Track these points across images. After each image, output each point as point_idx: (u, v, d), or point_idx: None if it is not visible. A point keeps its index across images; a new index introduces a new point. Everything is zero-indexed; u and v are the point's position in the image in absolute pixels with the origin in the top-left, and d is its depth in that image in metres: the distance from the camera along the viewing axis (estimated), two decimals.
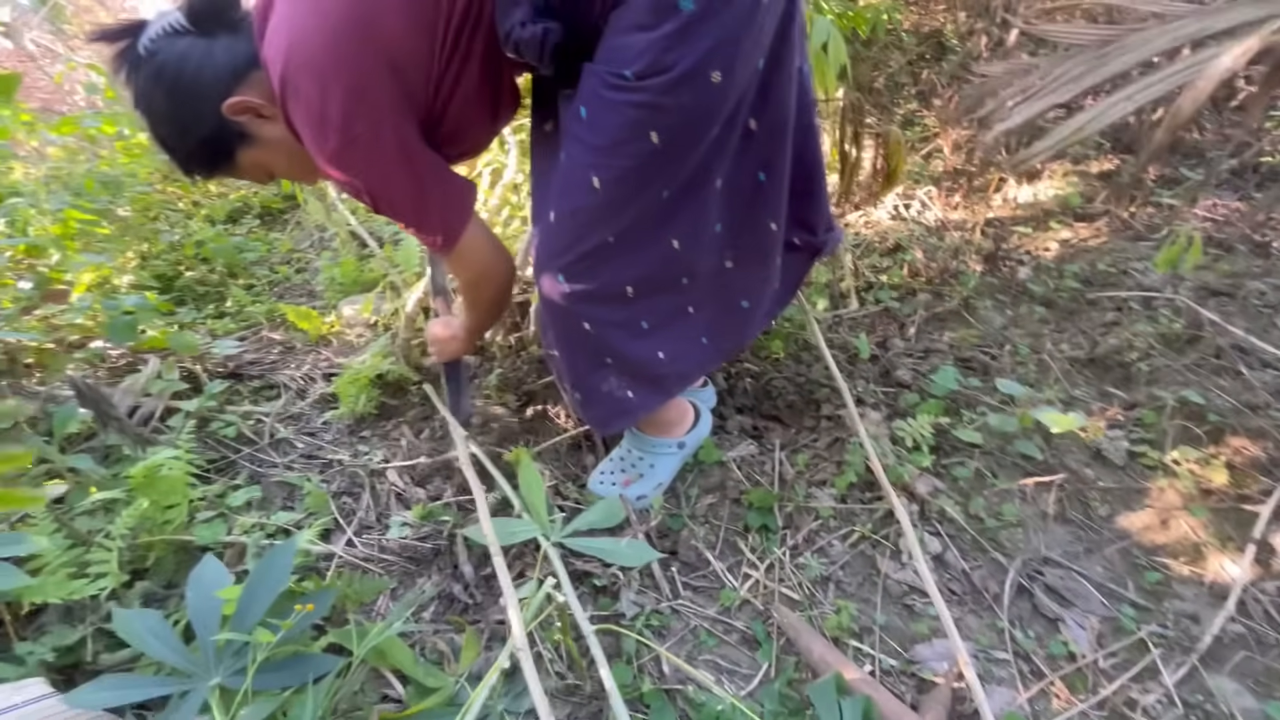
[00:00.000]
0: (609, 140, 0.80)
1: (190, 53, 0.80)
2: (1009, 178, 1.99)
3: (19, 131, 1.95)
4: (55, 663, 0.91)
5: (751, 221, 0.97)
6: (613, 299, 0.93)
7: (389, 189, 0.85)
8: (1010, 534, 1.15)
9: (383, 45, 0.76)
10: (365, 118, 0.78)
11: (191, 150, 0.86)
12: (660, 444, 1.20)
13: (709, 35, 0.73)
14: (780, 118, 0.90)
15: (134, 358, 1.58)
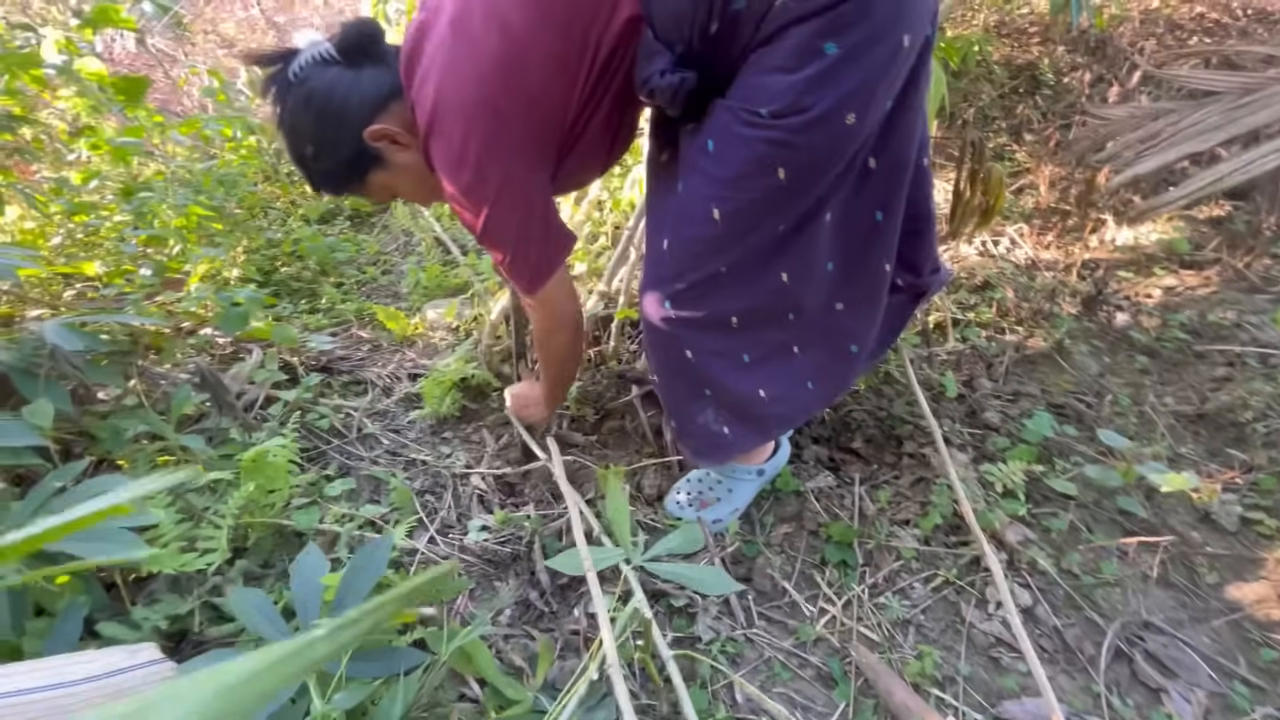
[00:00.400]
0: (734, 173, 0.81)
1: (338, 81, 0.86)
2: (1108, 219, 1.91)
3: (152, 132, 2.11)
4: (167, 630, 0.96)
5: (865, 262, 0.97)
6: (717, 328, 0.94)
7: (501, 227, 0.89)
8: (1108, 593, 1.09)
9: (526, 93, 0.80)
10: (499, 160, 0.83)
11: (328, 169, 0.92)
12: (740, 470, 1.19)
13: (850, 79, 0.75)
14: (901, 158, 0.89)
15: (238, 346, 1.68)
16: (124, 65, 3.87)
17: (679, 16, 0.77)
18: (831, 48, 0.73)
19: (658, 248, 0.92)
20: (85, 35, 2.32)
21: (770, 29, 0.75)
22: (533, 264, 0.93)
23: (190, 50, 4.85)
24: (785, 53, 0.75)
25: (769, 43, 0.76)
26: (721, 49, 0.79)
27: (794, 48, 0.74)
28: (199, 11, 5.81)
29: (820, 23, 0.72)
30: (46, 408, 1.03)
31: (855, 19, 0.72)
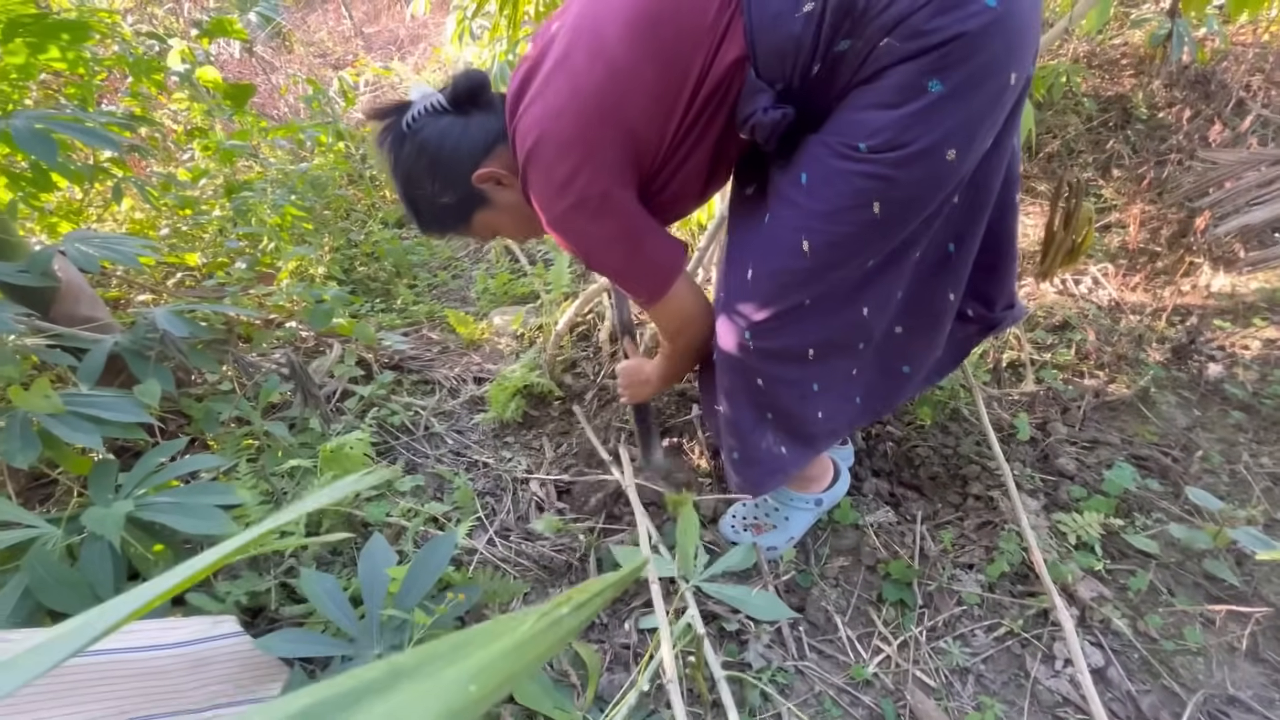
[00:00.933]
0: (828, 207, 0.81)
1: (450, 130, 0.92)
2: (1203, 263, 1.81)
3: (255, 135, 2.26)
4: (245, 605, 1.02)
5: (931, 291, 0.96)
6: (793, 359, 0.94)
7: (606, 247, 0.91)
8: (1189, 662, 1.03)
9: (624, 124, 0.83)
10: (595, 186, 0.85)
11: (438, 212, 0.97)
12: (798, 498, 1.18)
13: (954, 116, 0.74)
14: (984, 194, 0.88)
15: (319, 341, 1.78)
16: (230, 72, 4.16)
17: (783, 56, 0.78)
18: (936, 85, 0.72)
19: (740, 278, 0.92)
20: (202, 44, 2.52)
21: (872, 69, 0.75)
22: (648, 277, 0.94)
23: (288, 59, 5.17)
24: (887, 90, 0.74)
25: (870, 80, 0.76)
26: (821, 88, 0.80)
27: (896, 85, 0.74)
28: (298, 22, 6.20)
29: (926, 61, 0.72)
30: (155, 388, 1.11)
31: (963, 57, 0.71)
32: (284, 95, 3.17)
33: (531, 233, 1.02)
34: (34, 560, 0.90)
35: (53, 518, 0.99)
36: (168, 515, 0.98)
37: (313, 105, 3.00)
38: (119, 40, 2.13)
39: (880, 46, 0.73)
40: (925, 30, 0.71)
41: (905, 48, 0.72)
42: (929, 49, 0.71)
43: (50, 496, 1.29)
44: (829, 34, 0.75)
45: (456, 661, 0.16)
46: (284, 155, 2.74)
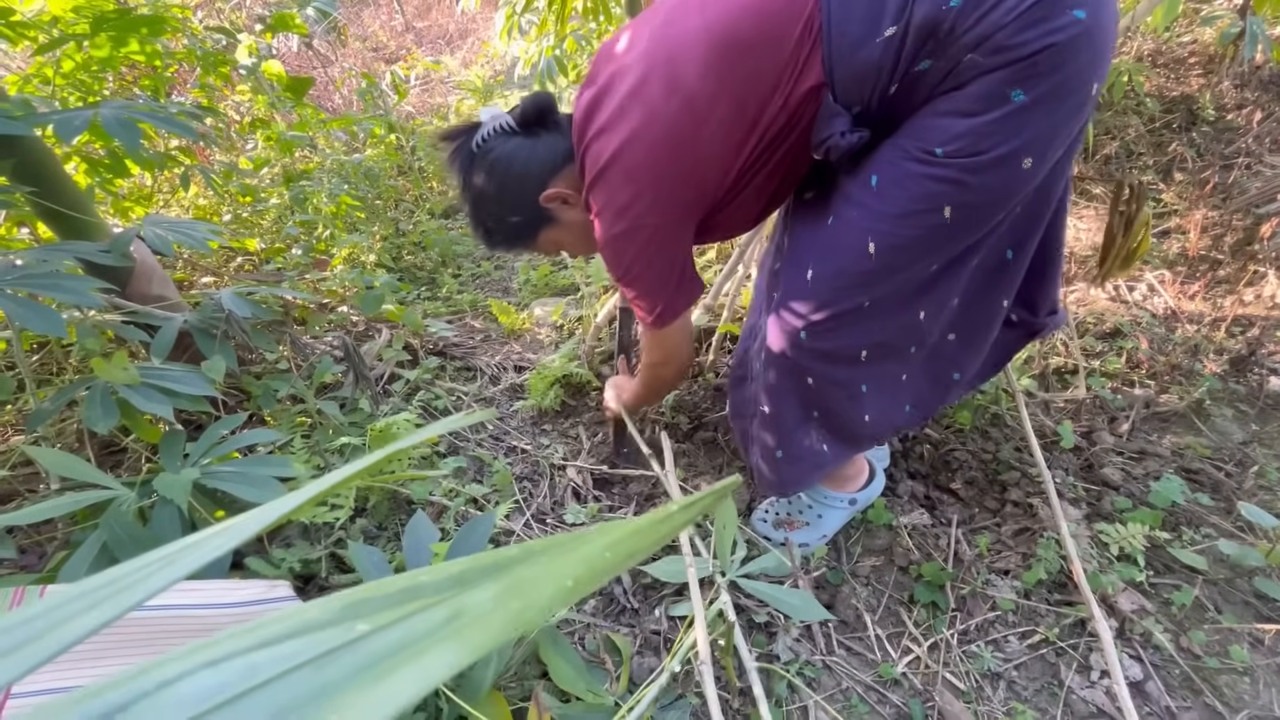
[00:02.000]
0: (899, 210, 0.80)
1: (518, 152, 0.94)
2: (1269, 273, 1.73)
3: (314, 127, 2.35)
4: (298, 572, 1.08)
5: (986, 297, 0.95)
6: (845, 360, 0.95)
7: (641, 273, 0.95)
8: (1234, 681, 1.00)
9: (694, 156, 0.84)
10: (651, 217, 0.88)
11: (506, 230, 1.01)
12: (832, 496, 1.19)
13: (1034, 126, 0.73)
14: (1046, 201, 0.87)
15: (369, 325, 1.84)
16: (288, 65, 4.32)
17: (862, 81, 0.78)
18: (1019, 95, 0.72)
19: (799, 278, 0.92)
20: (266, 38, 2.62)
21: (954, 83, 0.75)
22: (662, 307, 0.98)
23: (343, 52, 5.33)
24: (968, 98, 0.74)
25: (950, 91, 0.76)
26: (899, 105, 0.80)
27: (978, 94, 0.73)
28: (352, 17, 6.38)
29: (1011, 72, 0.71)
30: (220, 364, 1.18)
31: (1049, 69, 0.71)
32: (339, 88, 3.27)
33: (594, 249, 1.05)
34: (111, 519, 0.97)
35: (126, 481, 1.06)
36: (230, 484, 1.04)
37: (365, 99, 3.10)
38: (188, 35, 2.24)
39: (964, 62, 0.73)
40: (1011, 45, 0.70)
41: (990, 62, 0.72)
42: (1015, 61, 0.71)
43: (120, 463, 1.38)
44: (910, 56, 0.75)
45: (587, 542, 0.19)
46: (339, 146, 2.83)
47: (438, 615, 0.16)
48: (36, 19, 1.60)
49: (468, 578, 0.18)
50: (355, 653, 0.15)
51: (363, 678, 0.14)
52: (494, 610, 0.17)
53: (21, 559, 1.07)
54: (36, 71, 1.69)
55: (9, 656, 0.16)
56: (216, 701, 0.14)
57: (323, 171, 2.24)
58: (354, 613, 0.16)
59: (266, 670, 0.15)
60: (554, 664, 0.97)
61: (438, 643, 0.15)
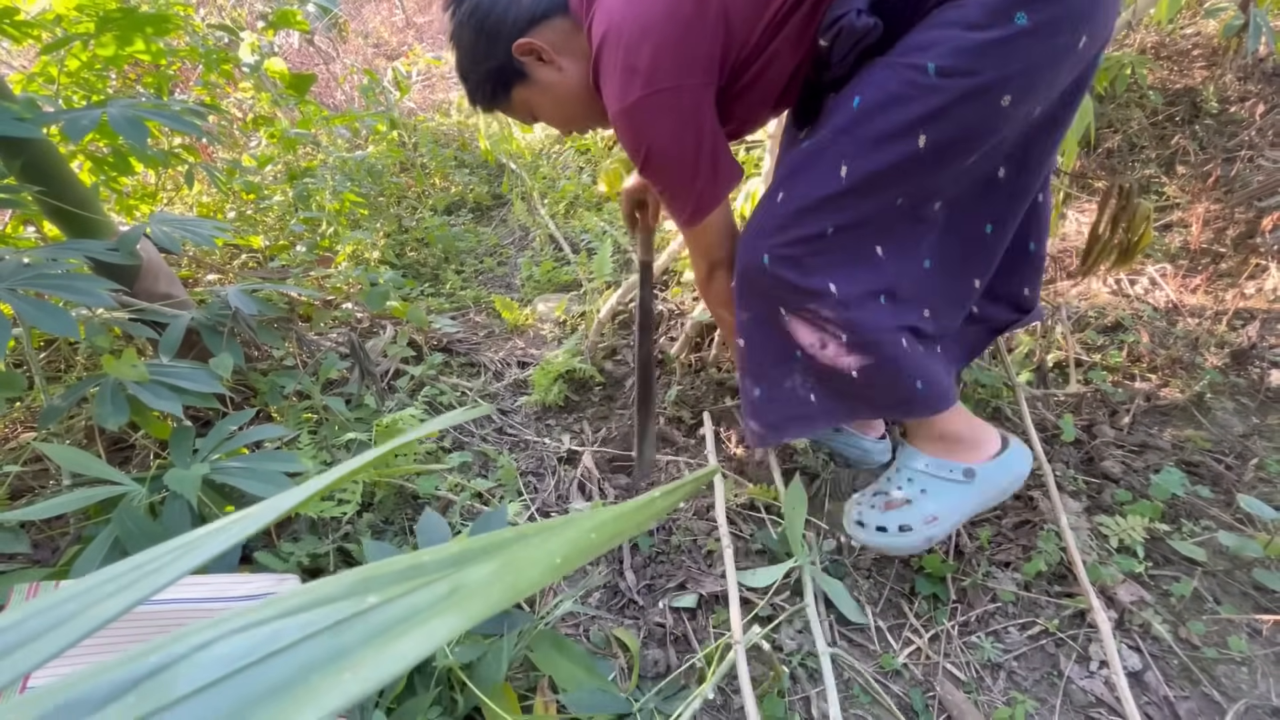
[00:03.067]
0: (876, 133, 0.78)
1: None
2: (1270, 266, 1.73)
3: (317, 124, 2.36)
4: (306, 566, 1.10)
5: (960, 271, 0.93)
6: (814, 295, 0.88)
7: (667, 150, 0.85)
8: (1232, 671, 1.01)
9: (720, 12, 0.79)
10: (673, 74, 0.79)
11: (480, 80, 0.94)
12: (940, 465, 1.00)
13: (1025, 56, 0.72)
14: (1031, 179, 0.86)
15: (374, 321, 1.86)
16: (290, 62, 4.32)
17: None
18: (1022, 18, 0.70)
19: (770, 201, 0.88)
20: (267, 36, 2.63)
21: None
22: (696, 193, 0.89)
23: (344, 49, 5.33)
24: (976, 9, 0.72)
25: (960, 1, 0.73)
26: (913, 4, 0.77)
27: (988, 6, 0.71)
28: (353, 13, 6.37)
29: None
30: (228, 361, 1.19)
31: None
32: (341, 85, 3.27)
33: (569, 123, 0.99)
34: (123, 514, 0.98)
35: (136, 477, 1.08)
36: (238, 479, 1.05)
37: (368, 95, 3.10)
38: (190, 32, 2.24)
39: None
40: None
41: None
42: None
43: (129, 459, 1.39)
44: None
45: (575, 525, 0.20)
46: (342, 143, 2.84)
47: (440, 589, 0.18)
48: (40, 17, 1.60)
49: (466, 557, 0.19)
50: (366, 621, 0.17)
51: (374, 642, 0.16)
52: (490, 584, 0.18)
53: (35, 553, 1.09)
54: (41, 70, 1.70)
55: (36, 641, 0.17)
56: (247, 661, 0.16)
57: (326, 168, 2.25)
58: (364, 587, 0.18)
59: (288, 635, 0.16)
60: (557, 667, 0.97)
61: (440, 613, 0.17)
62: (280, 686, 0.15)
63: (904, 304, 0.91)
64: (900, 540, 1.00)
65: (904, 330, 0.90)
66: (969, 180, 0.85)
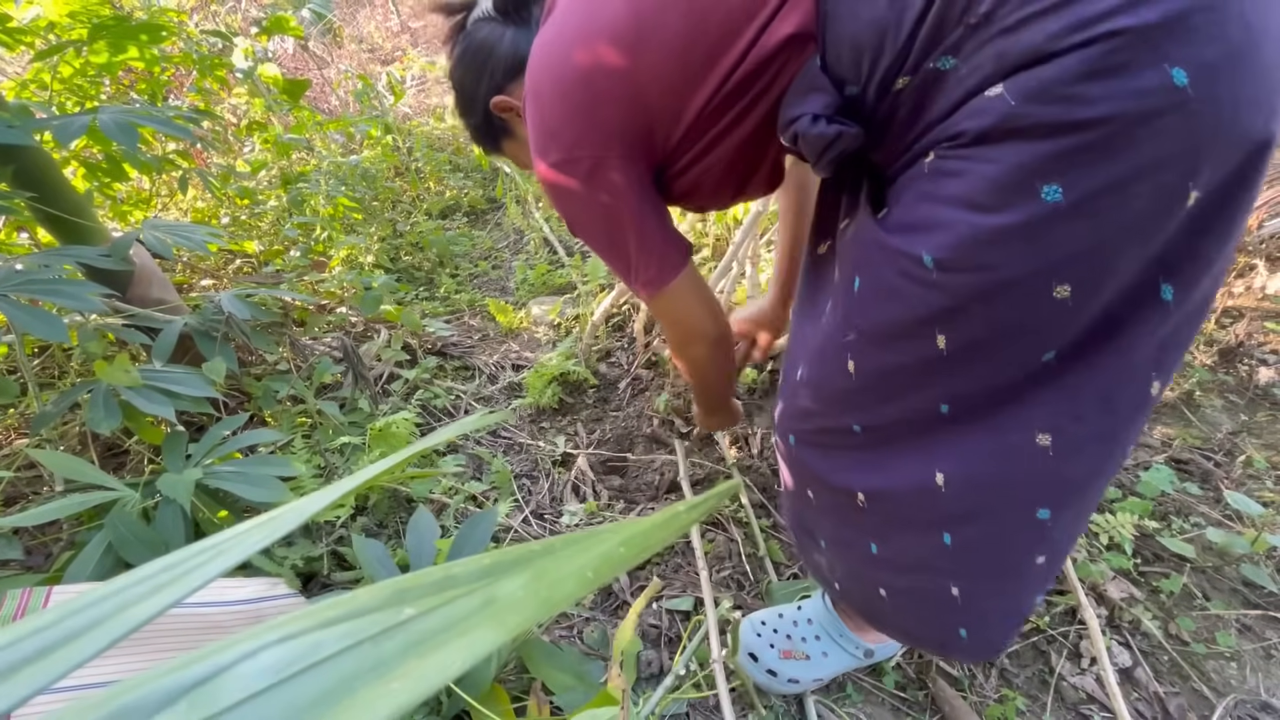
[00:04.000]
0: (879, 329, 0.61)
1: (487, 41, 0.81)
2: (1258, 264, 1.75)
3: (311, 129, 2.37)
4: (300, 570, 1.10)
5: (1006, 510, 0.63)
6: (841, 493, 0.72)
7: (593, 221, 0.77)
8: (1221, 666, 1.02)
9: (634, 79, 0.67)
10: (592, 143, 0.71)
11: (473, 130, 0.91)
12: (848, 638, 0.94)
13: (1071, 242, 0.49)
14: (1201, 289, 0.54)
15: (368, 326, 1.86)
16: (284, 67, 4.32)
17: (859, 48, 0.57)
18: (1053, 192, 0.47)
19: (792, 372, 0.75)
20: (261, 41, 2.63)
21: (975, 124, 0.50)
22: (641, 266, 0.80)
23: (338, 54, 5.33)
24: (979, 181, 0.50)
25: (964, 148, 0.52)
26: (901, 118, 0.58)
27: (994, 180, 0.50)
28: (347, 18, 6.38)
29: (1049, 147, 0.47)
30: (221, 366, 1.20)
31: (1109, 152, 0.46)
32: (336, 90, 3.28)
33: None
34: (116, 519, 0.98)
35: (129, 482, 1.08)
36: (232, 483, 1.05)
37: (362, 100, 3.11)
38: (184, 38, 2.25)
39: (989, 95, 0.50)
40: (1063, 96, 0.46)
41: (1023, 114, 0.47)
42: (1060, 127, 0.46)
43: (122, 465, 1.39)
44: (930, 35, 0.53)
45: (602, 538, 0.21)
46: (336, 148, 2.84)
47: (474, 601, 0.19)
48: (33, 24, 1.61)
49: (498, 569, 0.20)
50: (406, 632, 0.17)
51: (414, 652, 0.17)
52: (524, 597, 0.19)
53: (28, 559, 1.09)
54: (34, 77, 1.70)
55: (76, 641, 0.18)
56: (290, 672, 0.16)
57: (320, 173, 2.25)
58: (400, 599, 0.18)
59: (329, 647, 0.17)
60: (546, 675, 0.97)
61: (477, 625, 0.18)
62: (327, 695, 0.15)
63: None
64: (782, 688, 0.97)
65: None
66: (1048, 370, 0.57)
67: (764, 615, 1.01)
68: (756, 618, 1.01)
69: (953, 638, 0.71)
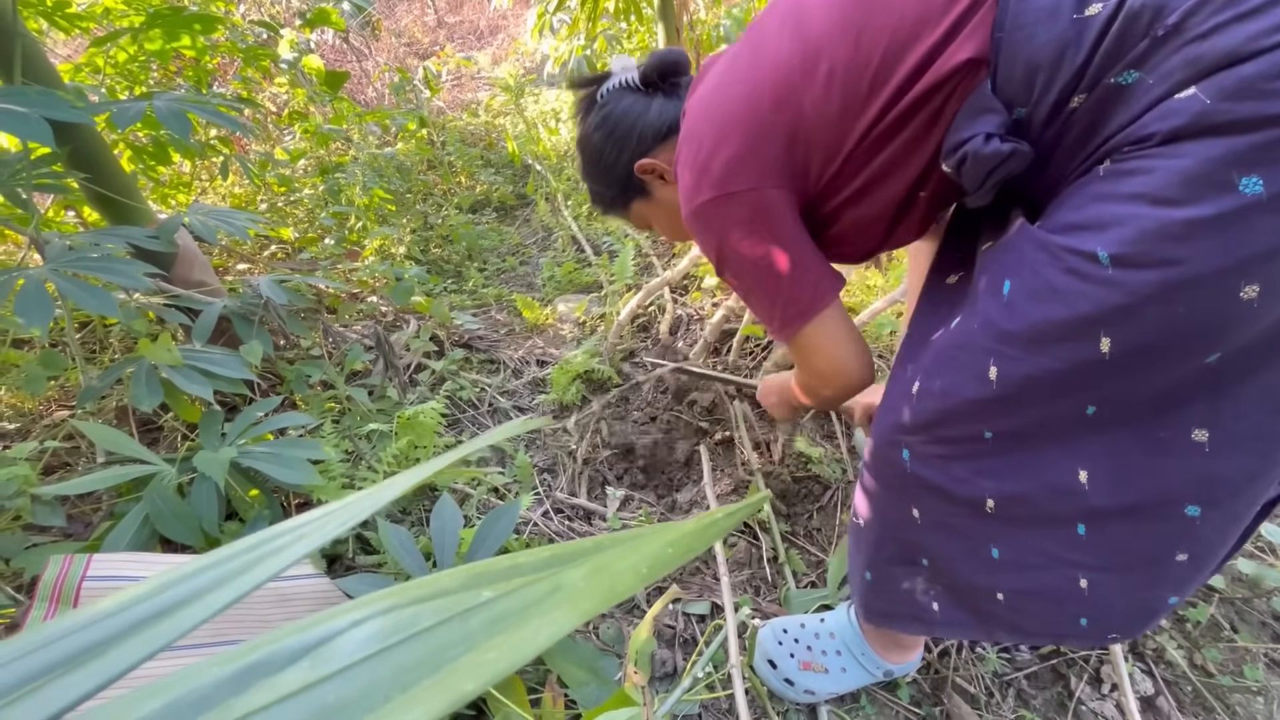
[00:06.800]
0: (1032, 332, 0.57)
1: (631, 110, 0.87)
2: None
3: (350, 120, 2.41)
4: (327, 552, 1.12)
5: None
6: (966, 504, 0.68)
7: (741, 256, 0.76)
8: (1248, 700, 1.00)
9: (797, 110, 0.68)
10: (747, 177, 0.71)
11: (601, 192, 0.95)
12: (869, 658, 0.94)
13: (1267, 238, 0.47)
14: None
15: (398, 316, 1.89)
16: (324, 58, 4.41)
17: (1034, 69, 0.56)
18: (1254, 184, 0.46)
19: (904, 382, 0.71)
20: (305, 33, 2.68)
21: (1166, 125, 0.49)
22: (783, 303, 0.77)
23: (376, 47, 5.42)
24: (1166, 175, 0.49)
25: (1151, 148, 0.51)
26: (1072, 138, 0.57)
27: (1185, 172, 0.48)
28: (385, 12, 6.48)
29: (1247, 142, 0.46)
30: (258, 348, 1.23)
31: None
32: (373, 82, 3.34)
33: (682, 236, 0.97)
34: (153, 493, 1.02)
35: (166, 458, 1.11)
36: (264, 464, 1.08)
37: (398, 93, 3.16)
38: (230, 28, 2.31)
39: (1180, 98, 0.49)
40: (1265, 91, 0.45)
41: (1220, 110, 0.47)
42: (1259, 121, 0.46)
43: (157, 441, 1.43)
44: (1110, 51, 0.52)
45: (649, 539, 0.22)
46: (372, 140, 2.89)
47: (543, 588, 0.20)
48: (89, 10, 1.66)
49: (558, 560, 0.21)
50: (489, 610, 0.19)
51: (498, 628, 0.18)
52: (587, 587, 0.20)
53: (68, 527, 1.12)
54: (88, 61, 1.76)
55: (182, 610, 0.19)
56: (394, 640, 0.18)
57: (356, 164, 2.29)
58: (476, 582, 0.20)
59: (425, 620, 0.19)
60: (562, 668, 0.98)
61: (551, 608, 0.19)
62: (426, 661, 0.17)
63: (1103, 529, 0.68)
64: (797, 698, 0.97)
65: None
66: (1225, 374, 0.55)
67: (785, 623, 1.01)
68: (778, 625, 1.01)
69: (1072, 627, 0.70)
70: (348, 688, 0.16)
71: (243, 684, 0.16)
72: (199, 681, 0.16)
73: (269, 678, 0.16)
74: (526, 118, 3.45)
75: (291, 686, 0.16)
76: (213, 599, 0.19)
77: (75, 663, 0.17)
